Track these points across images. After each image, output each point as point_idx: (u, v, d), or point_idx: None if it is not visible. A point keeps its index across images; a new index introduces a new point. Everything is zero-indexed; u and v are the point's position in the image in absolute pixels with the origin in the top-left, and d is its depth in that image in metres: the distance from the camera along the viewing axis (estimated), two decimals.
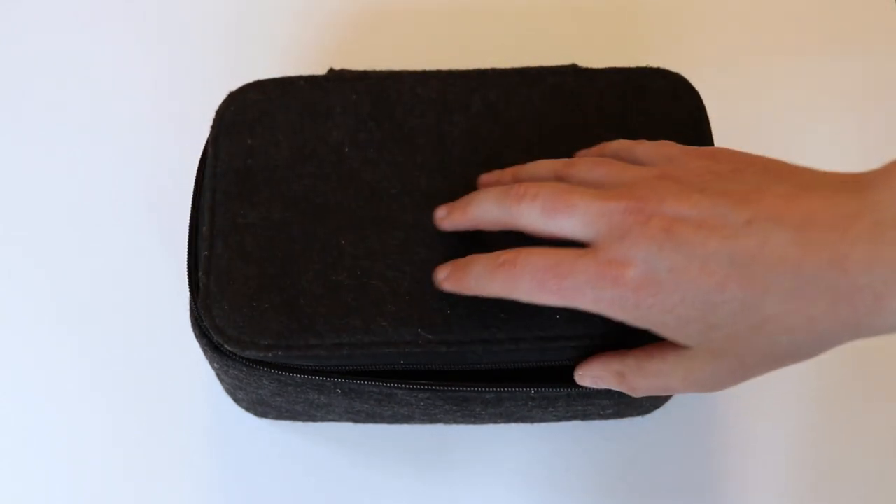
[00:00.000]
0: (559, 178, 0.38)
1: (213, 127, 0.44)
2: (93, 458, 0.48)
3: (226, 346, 0.39)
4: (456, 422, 0.48)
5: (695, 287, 0.32)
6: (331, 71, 0.47)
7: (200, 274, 0.41)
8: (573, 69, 0.45)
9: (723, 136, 0.43)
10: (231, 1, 0.60)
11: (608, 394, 0.43)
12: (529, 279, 0.35)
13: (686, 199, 0.33)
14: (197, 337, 0.41)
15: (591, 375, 0.38)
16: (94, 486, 0.47)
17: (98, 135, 0.56)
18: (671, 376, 0.35)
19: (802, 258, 0.30)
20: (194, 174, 0.44)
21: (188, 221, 0.43)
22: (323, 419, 0.48)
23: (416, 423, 0.48)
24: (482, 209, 0.38)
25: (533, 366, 0.41)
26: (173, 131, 0.56)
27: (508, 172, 0.40)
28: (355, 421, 0.48)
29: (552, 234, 0.36)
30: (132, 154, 0.56)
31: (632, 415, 0.48)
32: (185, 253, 0.42)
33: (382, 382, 0.41)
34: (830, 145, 0.57)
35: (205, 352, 0.42)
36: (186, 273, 0.42)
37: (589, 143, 0.42)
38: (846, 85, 0.58)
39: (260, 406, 0.47)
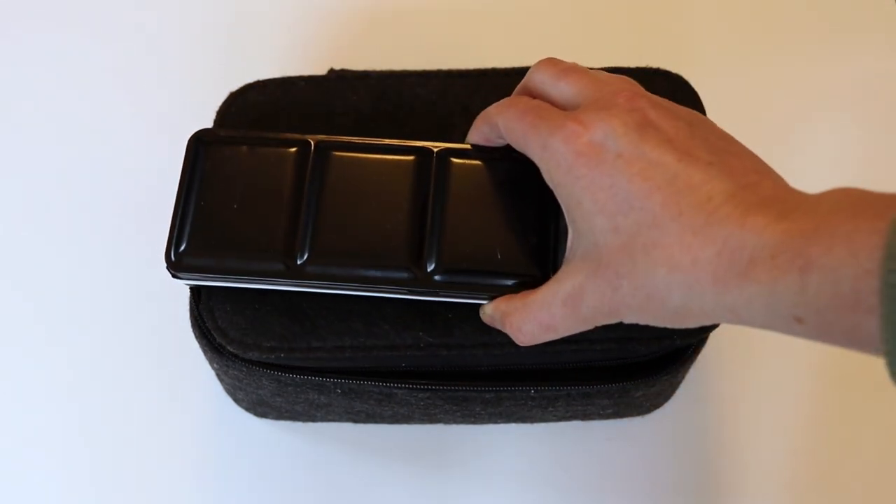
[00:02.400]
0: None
1: (214, 126, 0.44)
2: (93, 457, 0.48)
3: (228, 347, 0.39)
4: (456, 422, 0.48)
5: (628, 181, 0.32)
6: (331, 71, 0.47)
7: None
8: None
9: None
10: (231, 1, 0.60)
11: (608, 394, 0.43)
12: (507, 115, 0.37)
13: (673, 119, 0.34)
14: (197, 338, 0.41)
15: (486, 317, 0.38)
16: (94, 486, 0.47)
17: (98, 135, 0.56)
18: (551, 306, 0.35)
19: (728, 209, 0.31)
20: None
21: None
22: (323, 419, 0.48)
23: (416, 423, 0.48)
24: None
25: (533, 367, 0.41)
26: (174, 132, 0.56)
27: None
28: (355, 421, 0.48)
29: (552, 98, 0.37)
30: (133, 154, 0.56)
31: (632, 415, 0.48)
32: None
33: (382, 382, 0.41)
34: (830, 145, 0.57)
35: (205, 352, 0.42)
36: None
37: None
38: (846, 85, 0.58)
39: (260, 406, 0.47)
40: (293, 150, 0.40)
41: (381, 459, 0.48)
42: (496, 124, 0.38)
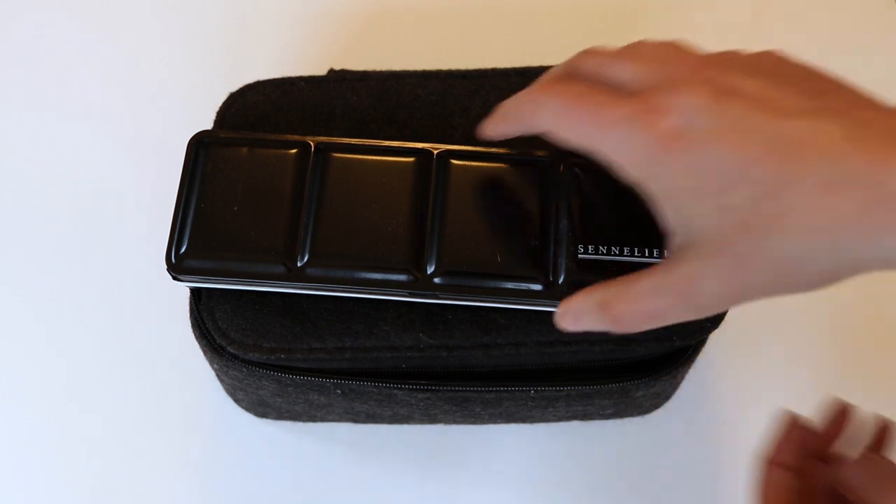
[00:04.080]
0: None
1: (214, 127, 0.44)
2: (93, 457, 0.48)
3: (228, 348, 0.39)
4: (456, 422, 0.48)
5: (727, 155, 0.29)
6: (331, 71, 0.47)
7: None
8: None
9: None
10: (231, 1, 0.60)
11: (608, 394, 0.43)
12: (558, 102, 0.33)
13: (750, 76, 0.31)
14: (197, 338, 0.41)
15: (572, 312, 0.35)
16: (93, 486, 0.47)
17: (98, 135, 0.56)
18: (662, 293, 0.32)
19: (851, 151, 0.28)
20: None
21: None
22: (323, 419, 0.48)
23: (415, 423, 0.48)
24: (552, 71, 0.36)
25: (533, 367, 0.41)
26: (174, 132, 0.56)
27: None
28: (355, 421, 0.48)
29: (606, 78, 0.33)
30: (133, 154, 0.56)
31: (632, 415, 0.48)
32: None
33: (382, 383, 0.41)
34: None
35: (205, 353, 0.42)
36: None
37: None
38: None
39: (260, 406, 0.47)
40: (293, 151, 0.40)
41: (381, 459, 0.48)
42: (535, 115, 0.34)
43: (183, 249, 0.38)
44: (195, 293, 0.41)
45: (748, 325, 0.50)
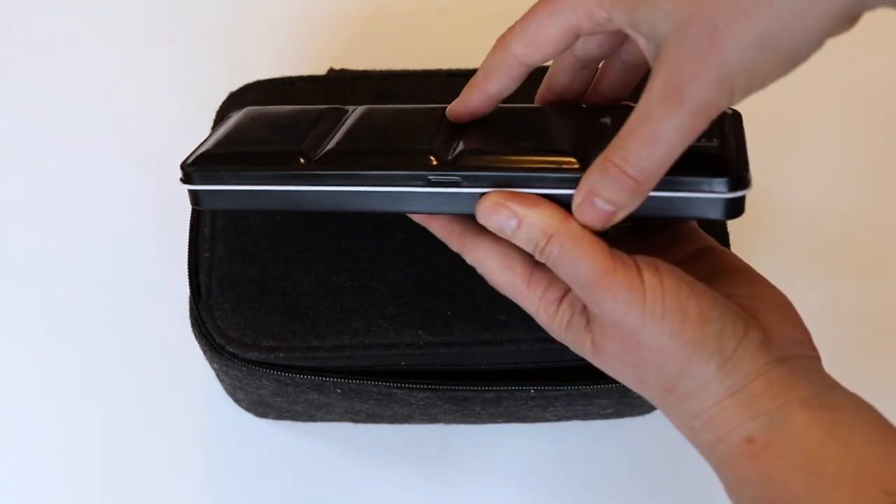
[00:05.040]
0: None
1: (214, 128, 0.44)
2: (93, 457, 0.48)
3: (228, 347, 0.39)
4: (456, 422, 0.48)
5: None
6: (331, 71, 0.47)
7: (201, 275, 0.41)
8: None
9: None
10: (231, 1, 0.60)
11: (608, 393, 0.43)
12: None
13: None
14: (197, 338, 0.41)
15: (584, 190, 0.31)
16: (94, 486, 0.47)
17: (98, 135, 0.56)
18: (648, 109, 0.29)
19: None
20: None
21: (188, 222, 0.43)
22: (323, 419, 0.48)
23: (416, 423, 0.48)
24: None
25: (533, 366, 0.41)
26: (174, 132, 0.56)
27: None
28: (355, 421, 0.48)
29: None
30: (132, 154, 0.56)
31: (632, 415, 0.48)
32: (185, 253, 0.42)
33: (382, 382, 0.41)
34: (830, 145, 0.57)
35: (205, 352, 0.42)
36: (187, 274, 0.42)
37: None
38: (846, 85, 0.58)
39: (260, 406, 0.47)
40: (326, 105, 0.39)
41: (381, 459, 0.48)
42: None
43: (202, 151, 0.36)
44: (195, 293, 0.41)
45: None
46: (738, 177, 0.32)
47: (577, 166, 0.33)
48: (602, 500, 0.47)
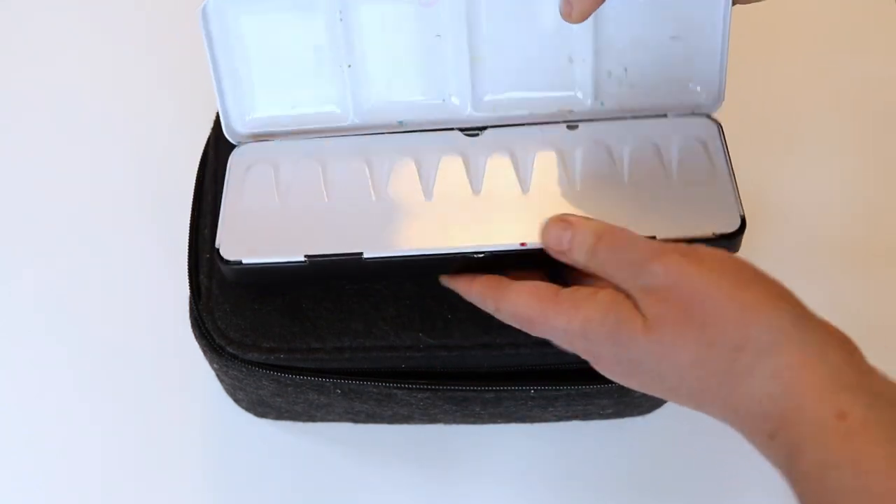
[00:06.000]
0: None
1: (214, 129, 0.44)
2: (93, 457, 0.48)
3: (228, 348, 0.39)
4: (456, 422, 0.48)
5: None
6: None
7: (202, 276, 0.41)
8: None
9: None
10: None
11: (608, 393, 0.43)
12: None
13: None
14: (197, 338, 0.41)
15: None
16: (94, 486, 0.47)
17: (98, 136, 0.56)
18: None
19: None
20: (195, 176, 0.44)
21: (188, 223, 0.43)
22: (323, 419, 0.48)
23: (416, 423, 0.48)
24: None
25: (532, 367, 0.41)
26: (174, 133, 0.56)
27: None
28: (355, 421, 0.48)
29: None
30: (132, 155, 0.56)
31: (632, 415, 0.48)
32: (186, 254, 0.42)
33: (382, 383, 0.41)
34: (830, 145, 0.57)
35: (205, 352, 0.42)
36: (187, 274, 0.42)
37: None
38: (846, 85, 0.58)
39: (260, 406, 0.47)
40: None
41: (381, 459, 0.48)
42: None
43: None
44: (195, 293, 0.41)
45: None
46: None
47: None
48: (602, 500, 0.47)
